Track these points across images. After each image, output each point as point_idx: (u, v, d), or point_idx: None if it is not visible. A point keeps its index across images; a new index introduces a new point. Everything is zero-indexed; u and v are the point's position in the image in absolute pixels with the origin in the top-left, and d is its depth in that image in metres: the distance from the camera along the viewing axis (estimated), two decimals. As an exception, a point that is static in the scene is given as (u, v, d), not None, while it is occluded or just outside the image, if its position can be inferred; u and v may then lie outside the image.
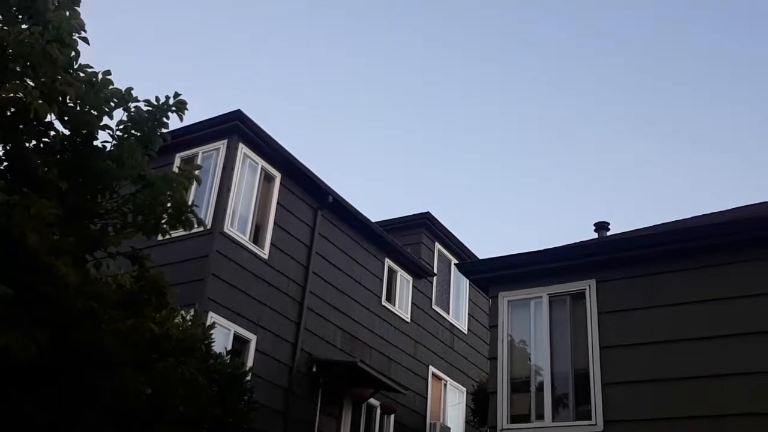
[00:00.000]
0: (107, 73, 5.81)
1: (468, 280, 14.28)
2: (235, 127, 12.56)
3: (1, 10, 5.37)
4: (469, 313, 19.07)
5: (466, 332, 18.79)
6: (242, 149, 12.71)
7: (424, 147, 40.04)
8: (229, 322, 11.67)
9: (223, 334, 11.29)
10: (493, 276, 9.61)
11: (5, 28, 5.35)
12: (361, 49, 34.87)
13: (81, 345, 5.59)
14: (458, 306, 18.83)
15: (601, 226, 11.60)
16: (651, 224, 10.27)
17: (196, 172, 6.82)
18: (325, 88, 36.74)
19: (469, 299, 19.08)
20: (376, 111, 38.12)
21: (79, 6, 5.54)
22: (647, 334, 8.31)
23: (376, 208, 48.06)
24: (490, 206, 43.05)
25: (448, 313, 18.27)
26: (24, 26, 5.41)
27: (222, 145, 12.63)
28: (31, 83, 5.36)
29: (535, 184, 40.51)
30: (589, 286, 8.83)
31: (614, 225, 12.16)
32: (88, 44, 5.70)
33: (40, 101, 5.15)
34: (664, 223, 10.12)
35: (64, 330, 5.39)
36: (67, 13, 5.48)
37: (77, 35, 5.56)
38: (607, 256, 8.99)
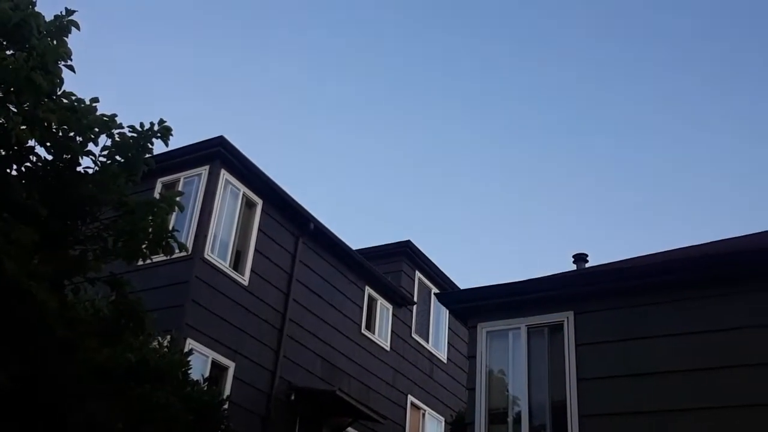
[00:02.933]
0: (94, 100, 5.84)
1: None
2: (217, 153, 12.58)
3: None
4: (449, 342, 19.06)
5: (445, 361, 18.76)
6: (224, 175, 12.73)
7: (406, 175, 40.26)
8: (207, 348, 11.60)
9: (201, 360, 11.21)
10: (472, 306, 9.65)
11: None
12: (344, 77, 35.14)
13: (57, 375, 5.55)
14: (438, 335, 18.82)
15: (580, 258, 11.72)
16: (629, 257, 10.39)
17: (178, 198, 6.85)
18: (307, 116, 36.92)
19: (448, 328, 19.09)
20: (358, 139, 38.32)
21: (67, 36, 5.58)
22: (625, 366, 8.36)
23: (357, 236, 48.10)
24: (470, 236, 43.23)
25: (428, 342, 18.26)
26: (9, 52, 5.43)
27: (204, 170, 12.64)
28: (13, 109, 5.38)
29: (516, 215, 40.78)
30: (567, 318, 8.89)
31: (593, 257, 12.30)
32: (74, 72, 5.74)
33: (23, 127, 5.16)
34: (641, 256, 10.25)
35: (40, 358, 5.35)
36: (54, 41, 5.52)
37: (63, 63, 5.59)
38: (585, 289, 9.06)
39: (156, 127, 6.29)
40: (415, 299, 17.84)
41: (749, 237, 10.22)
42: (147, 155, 6.31)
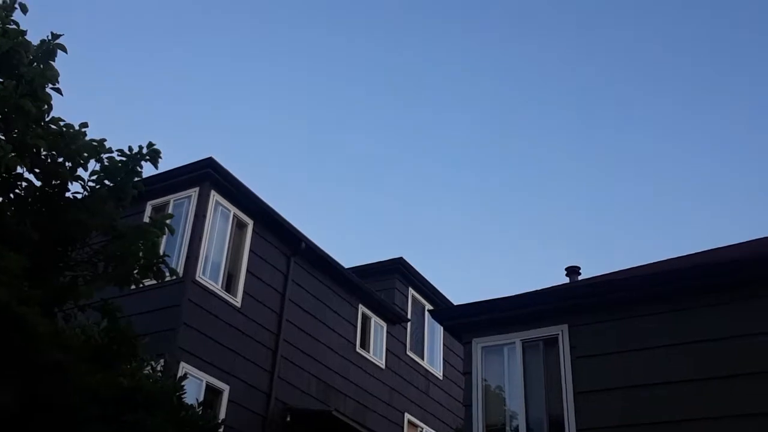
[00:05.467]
0: (83, 125, 5.85)
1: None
2: (206, 175, 12.55)
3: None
4: (444, 359, 18.98)
5: (441, 378, 18.68)
6: (214, 196, 12.70)
7: (396, 192, 40.31)
8: (201, 372, 11.50)
9: (195, 384, 11.11)
10: (466, 322, 9.62)
11: None
12: (331, 94, 35.24)
13: (49, 399, 5.49)
14: (433, 351, 18.75)
15: (573, 271, 11.71)
16: (622, 268, 10.40)
17: (168, 220, 6.82)
18: (296, 134, 36.97)
19: (443, 344, 19.02)
20: (347, 156, 38.38)
21: (54, 60, 5.59)
22: (621, 378, 8.35)
23: (349, 254, 48.06)
24: (462, 251, 43.23)
25: (423, 359, 18.18)
26: (-1, 80, 5.45)
27: (194, 192, 12.60)
28: (2, 136, 5.37)
29: (507, 229, 40.82)
30: (562, 331, 8.87)
31: (585, 269, 12.30)
32: (62, 95, 5.75)
33: (12, 154, 5.15)
34: (634, 267, 10.26)
35: (32, 383, 5.30)
36: (41, 66, 5.53)
37: (51, 86, 5.60)
38: (578, 301, 9.06)
39: (145, 150, 6.29)
40: (409, 316, 17.79)
41: (740, 245, 10.26)
42: (136, 179, 6.30)
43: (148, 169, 6.41)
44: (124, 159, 6.12)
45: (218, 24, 31.48)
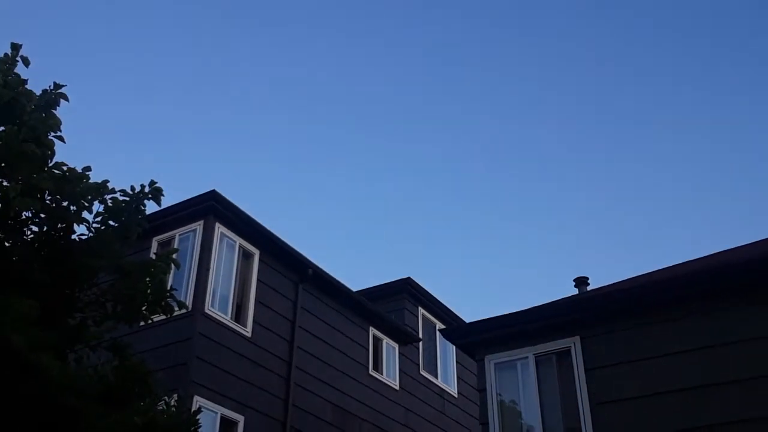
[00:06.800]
0: (87, 168, 5.93)
1: (454, 344, 14.23)
2: (210, 208, 12.61)
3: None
4: (458, 376, 18.90)
5: (456, 396, 18.59)
6: (219, 229, 12.74)
7: (398, 212, 40.35)
8: (215, 404, 11.48)
9: (210, 417, 11.09)
10: (478, 340, 9.61)
11: None
12: (334, 116, 35.38)
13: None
14: (446, 369, 18.67)
15: (581, 282, 11.67)
16: (628, 276, 10.37)
17: (174, 255, 6.86)
18: (297, 157, 37.07)
19: (456, 362, 18.94)
20: (350, 178, 38.47)
21: (56, 108, 5.69)
22: (637, 387, 8.31)
23: (356, 277, 47.93)
24: (468, 267, 43.15)
25: (437, 378, 18.11)
26: (0, 128, 5.52)
27: (198, 226, 12.65)
28: (5, 182, 5.43)
29: (513, 243, 40.76)
30: (574, 343, 8.85)
31: (593, 279, 12.28)
32: (64, 142, 5.83)
33: (20, 197, 5.22)
34: (643, 275, 10.23)
35: (47, 430, 5.30)
36: (44, 114, 5.61)
37: (53, 134, 5.69)
38: (589, 313, 9.04)
39: (147, 189, 6.35)
40: (420, 336, 17.74)
41: (751, 246, 10.21)
42: (140, 217, 6.35)
43: (151, 207, 6.47)
44: (127, 199, 6.18)
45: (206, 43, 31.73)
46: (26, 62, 5.86)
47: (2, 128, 5.55)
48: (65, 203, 5.82)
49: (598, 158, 34.53)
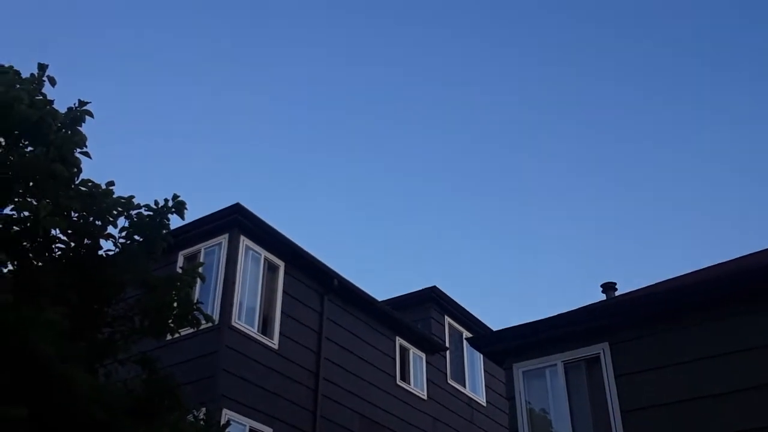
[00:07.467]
0: (110, 183, 6.00)
1: (481, 352, 14.14)
2: (235, 221, 12.69)
3: (4, 135, 5.58)
4: (486, 385, 18.77)
5: (485, 404, 18.46)
6: (244, 242, 12.81)
7: (426, 221, 40.27)
8: (243, 417, 11.51)
9: (238, 430, 11.13)
10: (506, 348, 9.52)
11: (9, 153, 5.56)
12: (354, 125, 35.48)
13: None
14: (474, 378, 18.55)
15: (609, 287, 11.53)
16: (657, 281, 10.24)
17: (200, 269, 6.91)
18: (319, 169, 37.20)
19: (484, 370, 18.82)
20: (373, 189, 38.53)
21: (81, 125, 5.77)
22: (667, 393, 8.17)
23: (381, 287, 47.95)
24: (495, 274, 42.93)
25: (465, 387, 17.99)
26: (29, 148, 5.62)
27: (223, 239, 12.73)
28: (34, 202, 5.51)
29: (538, 250, 40.50)
30: (603, 349, 8.75)
31: (621, 284, 12.14)
32: (90, 158, 5.91)
33: (49, 216, 5.29)
34: (671, 279, 10.10)
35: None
36: (69, 132, 5.70)
37: (79, 151, 5.77)
38: (617, 318, 8.93)
39: (171, 203, 6.40)
40: (447, 345, 17.66)
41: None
42: (164, 231, 6.40)
43: (176, 221, 6.53)
44: (151, 213, 6.24)
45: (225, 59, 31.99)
46: (53, 82, 5.95)
47: (30, 149, 5.65)
48: (91, 219, 5.89)
49: (623, 165, 34.23)
